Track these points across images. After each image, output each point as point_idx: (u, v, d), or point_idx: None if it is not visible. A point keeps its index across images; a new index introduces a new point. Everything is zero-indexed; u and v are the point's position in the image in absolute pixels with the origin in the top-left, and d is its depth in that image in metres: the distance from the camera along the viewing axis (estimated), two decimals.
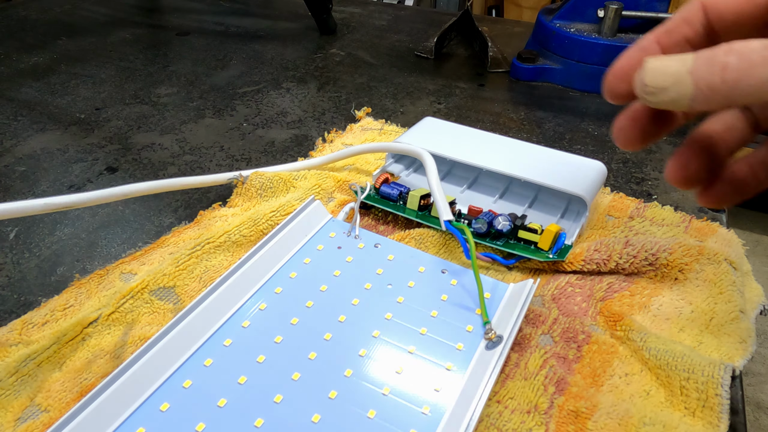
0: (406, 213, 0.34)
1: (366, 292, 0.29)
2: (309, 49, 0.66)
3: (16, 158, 0.42)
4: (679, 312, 0.28)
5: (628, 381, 0.25)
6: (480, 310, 0.28)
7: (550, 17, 0.59)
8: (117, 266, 0.31)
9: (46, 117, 0.48)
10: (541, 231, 0.31)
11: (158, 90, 0.54)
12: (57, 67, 0.58)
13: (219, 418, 0.23)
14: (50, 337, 0.26)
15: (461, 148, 0.37)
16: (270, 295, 0.28)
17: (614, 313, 0.28)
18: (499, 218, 0.32)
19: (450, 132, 0.39)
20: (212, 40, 0.67)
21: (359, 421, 0.23)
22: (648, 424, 0.23)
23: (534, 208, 0.36)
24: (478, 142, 0.38)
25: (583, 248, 0.32)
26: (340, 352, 0.26)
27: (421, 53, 0.65)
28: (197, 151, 0.44)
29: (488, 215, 0.33)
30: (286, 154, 0.44)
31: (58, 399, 0.24)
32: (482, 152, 0.36)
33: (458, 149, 0.37)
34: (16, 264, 0.32)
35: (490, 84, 0.58)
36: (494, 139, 0.39)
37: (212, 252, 0.31)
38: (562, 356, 0.26)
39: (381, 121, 0.47)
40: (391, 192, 0.35)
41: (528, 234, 0.32)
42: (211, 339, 0.26)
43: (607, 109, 0.53)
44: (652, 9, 0.55)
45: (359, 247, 0.32)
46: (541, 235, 0.31)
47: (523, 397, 0.24)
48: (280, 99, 0.53)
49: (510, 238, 0.32)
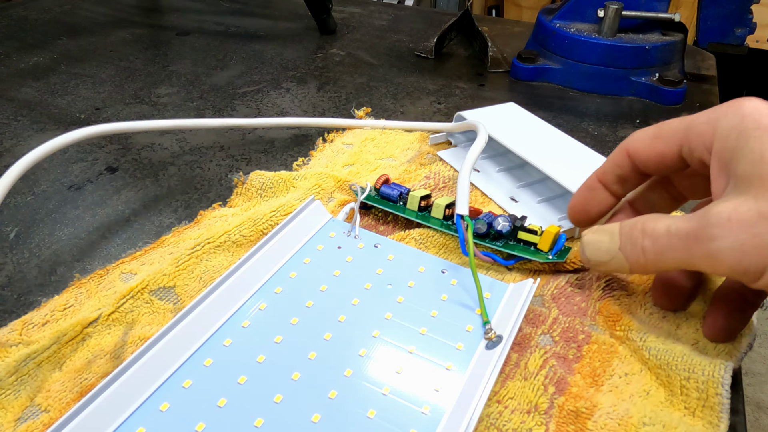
0: (406, 213, 0.34)
1: (366, 292, 0.29)
2: (309, 49, 0.66)
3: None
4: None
5: (628, 381, 0.25)
6: (480, 310, 0.28)
7: (550, 17, 0.59)
8: (117, 266, 0.31)
9: (46, 117, 0.48)
10: (540, 232, 0.31)
11: (158, 90, 0.54)
12: (57, 67, 0.58)
13: (219, 418, 0.23)
14: (50, 337, 0.26)
15: (515, 137, 0.40)
16: (270, 295, 0.28)
17: (613, 312, 0.28)
18: (498, 219, 0.32)
19: (523, 121, 0.43)
20: (212, 40, 0.67)
21: (359, 421, 0.23)
22: (648, 424, 0.23)
23: (549, 203, 0.37)
24: (540, 134, 0.41)
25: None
26: (340, 352, 0.26)
27: (421, 53, 0.65)
28: (197, 151, 0.44)
29: (488, 216, 0.33)
30: (286, 154, 0.44)
31: (58, 399, 0.24)
32: (530, 143, 0.39)
33: (511, 137, 0.40)
34: (16, 264, 0.32)
35: (490, 84, 0.58)
36: (556, 135, 0.41)
37: (212, 252, 0.31)
38: (562, 356, 0.26)
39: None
40: (391, 192, 0.35)
41: (527, 235, 0.32)
42: (211, 339, 0.26)
43: (607, 109, 0.53)
44: (652, 9, 0.55)
45: (359, 247, 0.32)
46: (540, 236, 0.31)
47: (523, 397, 0.24)
48: (280, 99, 0.53)
49: (510, 239, 0.32)
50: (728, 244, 0.21)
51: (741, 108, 0.23)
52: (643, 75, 0.55)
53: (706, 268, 0.22)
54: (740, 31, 0.55)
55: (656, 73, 0.55)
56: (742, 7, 0.54)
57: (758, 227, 0.21)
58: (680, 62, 0.58)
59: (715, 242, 0.21)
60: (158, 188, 0.39)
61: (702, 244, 0.22)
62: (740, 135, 0.22)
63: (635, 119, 0.51)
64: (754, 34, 0.56)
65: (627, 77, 0.55)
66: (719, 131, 0.23)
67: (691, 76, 0.61)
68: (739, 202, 0.21)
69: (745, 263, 0.21)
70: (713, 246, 0.21)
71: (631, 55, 0.54)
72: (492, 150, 0.42)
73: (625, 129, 0.49)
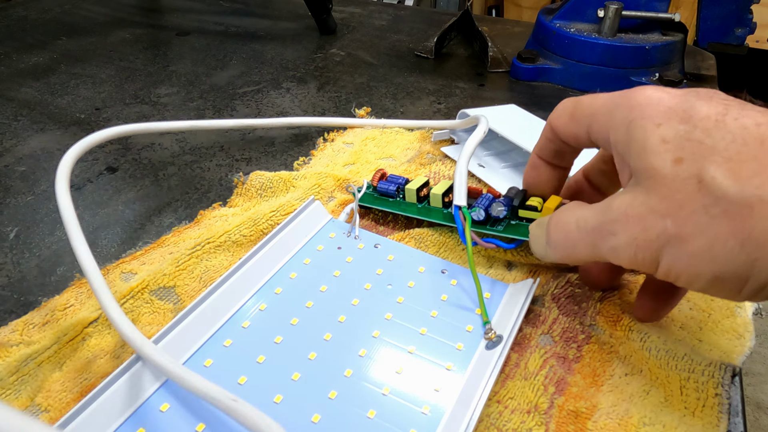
0: (406, 211, 0.34)
1: (366, 292, 0.29)
2: (309, 49, 0.66)
3: (16, 158, 0.42)
4: (678, 309, 0.28)
5: (628, 381, 0.25)
6: (480, 310, 0.28)
7: (550, 17, 0.59)
8: (117, 266, 0.31)
9: (46, 117, 0.48)
10: (540, 207, 0.30)
11: (158, 90, 0.54)
12: (57, 67, 0.58)
13: (219, 418, 0.23)
14: (51, 337, 0.26)
15: (516, 131, 0.40)
16: (270, 296, 0.28)
17: (614, 312, 0.28)
18: (494, 205, 0.31)
19: (524, 119, 0.43)
20: (212, 40, 0.67)
21: (359, 421, 0.23)
22: (648, 425, 0.23)
23: None
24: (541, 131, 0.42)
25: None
26: (340, 352, 0.26)
27: (421, 53, 0.65)
28: (197, 151, 0.44)
29: (486, 198, 0.32)
30: (286, 154, 0.44)
31: (58, 399, 0.24)
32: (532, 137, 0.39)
33: (513, 130, 0.40)
34: (16, 264, 0.32)
35: (490, 84, 0.58)
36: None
37: (212, 252, 0.31)
38: (563, 356, 0.26)
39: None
40: (388, 188, 0.34)
41: (528, 212, 0.31)
42: (211, 339, 0.26)
43: None
44: (652, 9, 0.55)
45: (359, 247, 0.32)
46: (541, 212, 0.30)
47: (523, 397, 0.24)
48: (280, 99, 0.53)
49: (511, 219, 0.32)
50: (624, 239, 0.21)
51: (632, 98, 0.22)
52: (643, 75, 0.55)
53: (614, 261, 0.22)
54: (740, 31, 0.55)
55: (656, 73, 0.55)
56: (742, 7, 0.54)
57: (648, 221, 0.20)
58: (680, 62, 0.58)
59: (615, 237, 0.21)
60: (158, 188, 0.39)
61: (605, 239, 0.22)
62: (629, 126, 0.22)
63: None
64: (754, 34, 0.56)
65: (627, 77, 0.55)
66: (613, 123, 0.23)
67: (691, 76, 0.61)
68: (634, 195, 0.21)
69: (639, 257, 0.21)
70: (614, 241, 0.21)
71: (631, 55, 0.54)
72: (497, 147, 0.43)
73: None
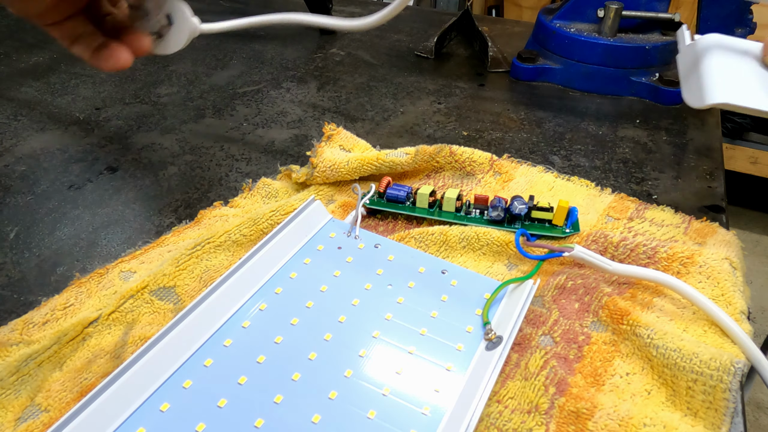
0: (416, 212, 0.35)
1: (366, 292, 0.29)
2: (309, 49, 0.66)
3: (16, 158, 0.42)
4: (681, 312, 0.28)
5: (629, 380, 0.25)
6: (480, 311, 0.28)
7: (550, 17, 0.59)
8: (117, 265, 0.31)
9: (46, 117, 0.48)
10: (551, 208, 0.33)
11: (158, 90, 0.54)
12: (57, 67, 0.58)
13: (219, 418, 0.23)
14: (51, 337, 0.26)
15: None
16: (270, 296, 0.28)
17: (621, 308, 0.28)
18: (514, 203, 0.33)
19: None
20: (212, 40, 0.67)
21: (359, 422, 0.23)
22: (648, 425, 0.23)
23: None
24: None
25: (582, 237, 0.33)
26: (340, 352, 0.26)
27: (421, 53, 0.65)
28: (197, 151, 0.44)
29: (499, 201, 0.34)
30: (286, 154, 0.44)
31: (58, 399, 0.24)
32: None
33: None
34: (16, 264, 0.32)
35: (490, 84, 0.58)
36: None
37: (212, 252, 0.31)
38: (563, 356, 0.26)
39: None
40: (398, 194, 0.35)
41: (541, 213, 0.34)
42: (211, 339, 0.26)
43: (607, 109, 0.53)
44: (652, 9, 0.55)
45: (359, 247, 0.32)
46: (554, 213, 0.33)
47: (524, 397, 0.24)
48: (280, 99, 0.53)
49: (525, 220, 0.34)
50: None
51: None
52: (643, 75, 0.55)
53: None
54: (740, 31, 0.55)
55: (656, 73, 0.55)
56: (742, 7, 0.54)
57: None
58: None
59: None
60: (158, 188, 0.39)
61: None
62: None
63: (635, 119, 0.51)
64: (754, 34, 0.56)
65: (627, 77, 0.55)
66: None
67: None
68: None
69: None
70: None
71: (631, 55, 0.54)
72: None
73: (625, 129, 0.49)
